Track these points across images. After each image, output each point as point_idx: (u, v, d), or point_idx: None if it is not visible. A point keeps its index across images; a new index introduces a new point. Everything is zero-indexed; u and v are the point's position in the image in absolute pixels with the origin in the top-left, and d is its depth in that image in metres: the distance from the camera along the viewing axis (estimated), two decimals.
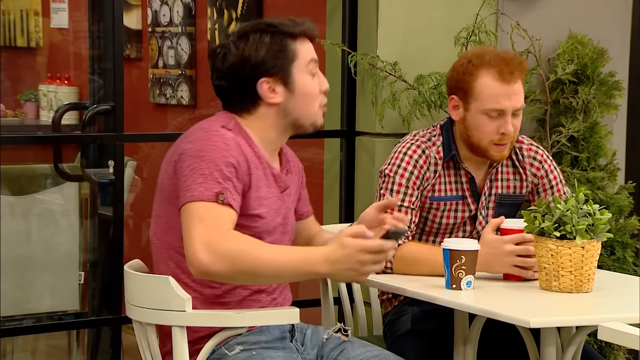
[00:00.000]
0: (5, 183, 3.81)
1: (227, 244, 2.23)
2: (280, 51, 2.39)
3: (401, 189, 2.76)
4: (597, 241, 2.50)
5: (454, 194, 2.81)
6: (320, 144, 3.97)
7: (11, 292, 3.69)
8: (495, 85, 2.72)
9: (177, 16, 5.11)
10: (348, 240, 2.22)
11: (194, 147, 2.33)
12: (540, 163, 2.89)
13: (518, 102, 2.74)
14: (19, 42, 5.47)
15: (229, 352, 2.36)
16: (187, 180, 2.30)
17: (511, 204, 2.88)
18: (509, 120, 2.73)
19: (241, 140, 2.39)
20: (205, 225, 2.24)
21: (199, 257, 2.22)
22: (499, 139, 2.74)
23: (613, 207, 3.70)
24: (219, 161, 2.30)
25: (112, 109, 3.45)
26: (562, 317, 2.44)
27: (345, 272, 2.23)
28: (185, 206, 2.28)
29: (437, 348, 2.73)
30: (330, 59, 3.77)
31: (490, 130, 2.74)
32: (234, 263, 2.22)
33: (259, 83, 2.40)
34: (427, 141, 2.81)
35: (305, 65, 2.42)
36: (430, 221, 2.83)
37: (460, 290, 2.51)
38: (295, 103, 2.42)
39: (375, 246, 2.22)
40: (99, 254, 3.89)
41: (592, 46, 3.74)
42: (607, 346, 3.71)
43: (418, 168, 2.78)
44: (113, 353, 3.57)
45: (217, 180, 2.28)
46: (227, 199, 2.28)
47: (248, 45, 2.39)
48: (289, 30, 2.41)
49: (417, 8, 3.64)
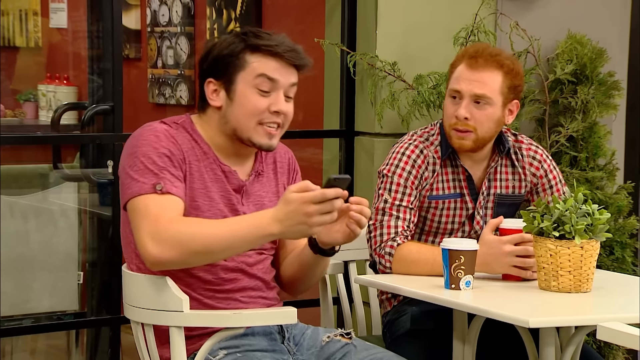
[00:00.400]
0: (5, 183, 3.81)
1: (172, 230, 2.25)
2: (231, 56, 2.38)
3: (399, 188, 2.76)
4: (596, 241, 2.50)
5: (452, 191, 2.81)
6: (319, 144, 3.97)
7: (10, 292, 3.69)
8: (461, 69, 2.77)
9: (176, 16, 5.11)
10: (292, 195, 2.22)
11: (128, 145, 2.38)
12: (539, 162, 2.89)
13: (477, 88, 2.74)
14: (17, 41, 5.47)
15: (213, 357, 2.35)
16: (125, 179, 2.34)
17: (510, 203, 2.88)
18: (464, 105, 2.74)
19: (181, 133, 2.39)
20: (149, 217, 2.27)
21: (148, 249, 2.25)
22: (454, 123, 2.75)
23: (612, 207, 3.70)
24: (151, 153, 2.33)
25: (111, 109, 3.46)
26: (561, 317, 2.44)
27: (295, 227, 2.23)
28: (128, 204, 2.32)
29: (436, 348, 2.73)
30: (329, 59, 3.77)
31: (449, 113, 2.78)
32: (183, 247, 2.24)
33: (205, 82, 2.41)
34: (425, 141, 2.82)
35: (252, 78, 2.37)
36: (430, 220, 2.83)
37: (459, 290, 2.51)
38: (233, 112, 2.39)
39: (318, 195, 2.21)
40: (98, 254, 3.89)
41: (591, 46, 3.74)
42: (606, 346, 3.71)
43: (416, 168, 2.78)
44: (112, 353, 3.57)
45: (152, 172, 2.31)
46: (165, 187, 2.30)
47: (214, 43, 2.41)
48: (252, 41, 2.38)
49: (416, 8, 3.64)
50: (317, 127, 3.93)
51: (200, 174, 2.39)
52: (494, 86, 2.75)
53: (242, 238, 2.26)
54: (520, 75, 2.81)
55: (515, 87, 2.79)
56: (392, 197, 2.76)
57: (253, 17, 4.62)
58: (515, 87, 2.79)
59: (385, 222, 2.74)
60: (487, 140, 2.80)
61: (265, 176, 2.49)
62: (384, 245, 2.72)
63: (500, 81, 2.75)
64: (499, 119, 2.78)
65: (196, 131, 2.42)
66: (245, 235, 2.26)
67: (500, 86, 2.75)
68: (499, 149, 2.85)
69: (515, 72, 2.78)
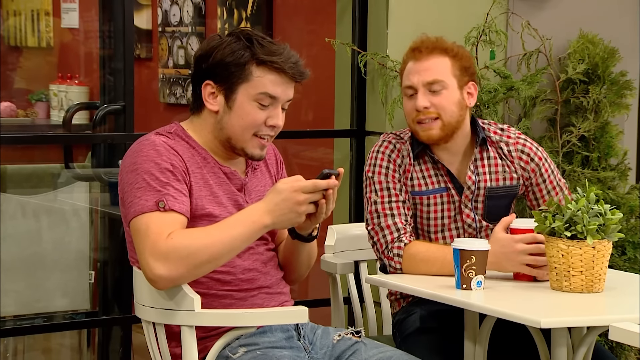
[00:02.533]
0: (16, 183, 3.83)
1: (173, 247, 2.23)
2: (236, 66, 2.35)
3: (383, 185, 2.76)
4: (608, 241, 2.49)
5: (436, 186, 2.81)
6: (330, 144, 3.97)
7: (22, 292, 3.70)
8: (408, 65, 2.78)
9: (187, 16, 5.12)
10: (283, 185, 2.27)
11: (129, 161, 2.34)
12: (528, 156, 2.87)
13: (428, 76, 2.73)
14: (29, 42, 5.49)
15: (233, 355, 2.35)
16: (128, 196, 2.31)
17: (501, 196, 2.86)
18: (420, 95, 2.74)
19: (179, 142, 2.37)
20: (150, 237, 2.25)
21: (154, 271, 2.24)
22: (416, 116, 2.75)
23: (624, 207, 3.69)
24: (152, 169, 2.30)
25: (122, 109, 3.46)
26: (573, 318, 2.43)
27: (286, 216, 2.27)
28: (131, 223, 2.30)
29: (445, 346, 2.72)
30: (340, 59, 3.77)
31: (408, 109, 2.78)
32: (189, 261, 2.24)
33: (203, 84, 2.38)
34: (396, 136, 2.83)
35: (255, 94, 2.36)
36: (419, 218, 2.82)
37: (470, 291, 2.50)
38: (229, 120, 2.38)
39: (309, 185, 2.26)
40: (110, 254, 3.90)
41: (602, 45, 3.73)
42: (617, 346, 3.70)
43: (392, 162, 2.78)
44: (123, 352, 3.58)
45: (155, 189, 2.28)
46: (167, 204, 2.27)
47: (218, 44, 2.37)
48: (259, 55, 2.35)
49: (427, 7, 3.64)
50: (328, 127, 3.93)
51: (205, 180, 2.38)
52: (444, 70, 2.75)
53: (242, 237, 2.28)
54: (467, 56, 2.80)
55: (466, 69, 2.78)
56: (380, 195, 2.76)
57: (264, 16, 4.63)
58: (466, 68, 2.78)
59: (384, 223, 2.74)
60: (454, 126, 2.77)
61: (259, 169, 2.51)
62: (391, 247, 2.72)
63: (449, 64, 2.76)
64: (460, 102, 2.77)
65: (191, 138, 2.40)
66: (244, 233, 2.28)
67: (450, 69, 2.76)
68: (477, 141, 2.84)
69: (461, 54, 2.78)
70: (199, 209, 2.35)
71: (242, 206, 2.41)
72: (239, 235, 2.27)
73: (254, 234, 2.29)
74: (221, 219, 2.35)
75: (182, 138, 2.39)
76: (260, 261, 2.45)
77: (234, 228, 2.28)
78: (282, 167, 2.58)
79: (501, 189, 2.84)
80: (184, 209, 2.31)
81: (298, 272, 2.54)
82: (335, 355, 2.45)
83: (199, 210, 2.35)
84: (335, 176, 2.29)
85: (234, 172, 2.43)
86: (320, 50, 3.93)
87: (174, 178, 2.31)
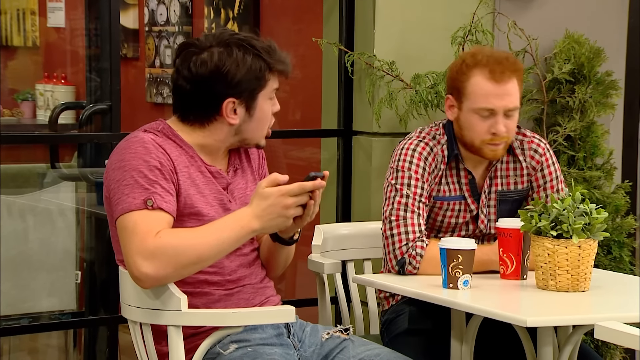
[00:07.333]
0: (2, 182, 3.81)
1: (161, 246, 2.24)
2: (257, 79, 2.39)
3: (418, 183, 2.76)
4: (593, 240, 2.50)
5: (456, 194, 2.81)
6: (317, 144, 3.97)
7: (8, 292, 3.69)
8: (487, 85, 2.72)
9: (174, 15, 5.11)
10: (268, 190, 2.28)
11: (116, 158, 2.34)
12: (540, 156, 2.89)
13: (510, 103, 2.73)
14: (15, 41, 5.47)
15: (224, 351, 2.36)
16: (116, 194, 2.30)
17: (513, 200, 2.87)
18: (500, 120, 2.73)
19: (166, 141, 2.37)
20: (138, 235, 2.25)
21: (141, 269, 2.23)
22: (490, 139, 2.75)
23: (610, 207, 3.70)
24: (141, 167, 2.30)
25: (108, 109, 3.45)
26: (559, 317, 2.44)
27: (275, 221, 2.29)
28: (118, 220, 2.29)
29: (434, 347, 2.73)
30: (327, 59, 3.77)
31: (482, 130, 2.75)
32: (176, 261, 2.24)
33: (225, 102, 2.38)
34: (432, 139, 2.82)
35: (270, 93, 2.43)
36: (432, 219, 2.84)
37: (457, 290, 2.51)
38: (249, 126, 2.42)
39: (295, 188, 2.28)
40: (96, 254, 3.89)
41: (588, 45, 3.74)
42: (603, 345, 3.72)
43: (428, 164, 2.79)
44: (110, 352, 3.57)
45: (143, 187, 2.28)
46: (155, 202, 2.27)
47: (230, 61, 2.36)
48: (273, 65, 2.40)
49: (414, 7, 3.64)
50: (315, 127, 3.93)
51: (192, 179, 2.38)
52: (518, 94, 2.76)
53: (230, 240, 2.29)
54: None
55: None
56: (413, 192, 2.75)
57: (251, 16, 4.62)
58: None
59: (409, 220, 2.73)
60: None
61: (240, 169, 2.51)
62: (413, 245, 2.70)
63: (519, 86, 2.77)
64: None
65: (178, 136, 2.40)
66: (232, 236, 2.29)
67: (520, 90, 2.77)
68: None
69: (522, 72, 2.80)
70: (187, 207, 2.35)
71: (228, 206, 2.41)
72: (227, 239, 2.28)
73: (242, 238, 2.31)
74: (209, 217, 2.35)
75: (168, 136, 2.39)
76: (247, 262, 2.46)
77: (222, 231, 2.28)
78: (264, 162, 2.59)
79: (512, 192, 2.86)
80: (171, 208, 2.31)
81: (275, 271, 2.56)
82: (323, 352, 2.46)
83: (187, 208, 2.35)
84: (320, 178, 2.31)
85: (220, 171, 2.44)
86: (307, 50, 3.92)
87: (162, 177, 2.31)
